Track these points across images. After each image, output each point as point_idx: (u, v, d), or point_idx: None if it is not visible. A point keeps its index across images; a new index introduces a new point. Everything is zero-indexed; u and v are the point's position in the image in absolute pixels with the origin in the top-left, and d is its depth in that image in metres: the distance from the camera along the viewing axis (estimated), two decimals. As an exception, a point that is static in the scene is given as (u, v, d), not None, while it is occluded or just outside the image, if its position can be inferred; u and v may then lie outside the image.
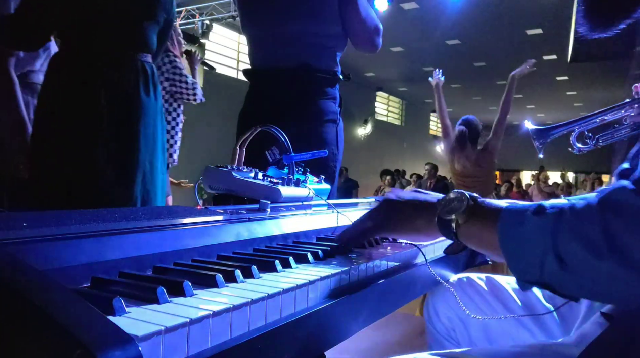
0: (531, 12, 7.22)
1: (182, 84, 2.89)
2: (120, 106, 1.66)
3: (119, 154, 1.66)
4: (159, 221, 0.66)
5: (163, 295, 0.46)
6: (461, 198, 0.68)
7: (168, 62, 2.87)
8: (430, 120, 18.12)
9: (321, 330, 0.59)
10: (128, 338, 0.34)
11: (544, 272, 0.57)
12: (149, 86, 1.74)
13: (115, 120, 1.65)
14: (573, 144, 1.50)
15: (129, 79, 1.68)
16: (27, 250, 0.46)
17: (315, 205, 1.06)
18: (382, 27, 1.79)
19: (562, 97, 13.91)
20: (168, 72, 2.86)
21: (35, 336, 0.33)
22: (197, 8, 7.07)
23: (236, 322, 0.46)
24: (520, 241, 0.60)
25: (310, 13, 1.67)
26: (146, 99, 1.72)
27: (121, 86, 1.66)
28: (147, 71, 1.75)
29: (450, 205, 0.68)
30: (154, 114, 1.76)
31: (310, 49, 1.69)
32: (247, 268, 0.58)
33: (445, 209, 0.69)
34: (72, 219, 0.59)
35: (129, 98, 1.67)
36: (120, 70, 1.67)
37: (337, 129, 1.74)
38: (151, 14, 1.76)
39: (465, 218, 0.67)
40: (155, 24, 1.78)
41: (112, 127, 1.64)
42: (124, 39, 1.70)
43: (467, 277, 1.05)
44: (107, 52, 1.66)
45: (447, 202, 0.70)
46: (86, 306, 0.36)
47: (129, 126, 1.67)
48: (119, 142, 1.66)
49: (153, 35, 1.79)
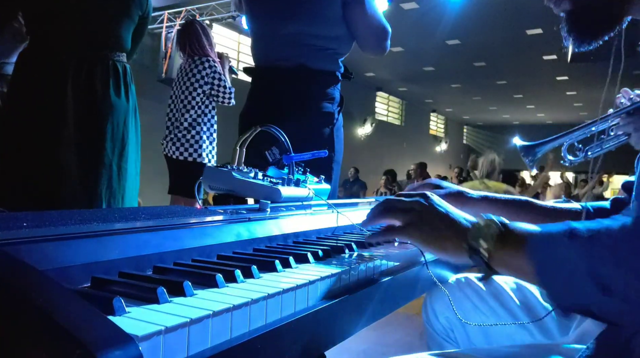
0: (531, 12, 7.22)
1: (220, 88, 3.11)
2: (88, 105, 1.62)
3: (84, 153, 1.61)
4: (159, 221, 0.66)
5: (163, 295, 0.46)
6: (490, 225, 0.66)
7: (208, 67, 3.07)
8: (430, 120, 18.12)
9: (321, 330, 0.59)
10: (128, 338, 0.34)
11: (583, 297, 0.56)
12: (119, 86, 1.69)
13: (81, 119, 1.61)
14: (564, 156, 1.51)
15: (99, 77, 1.64)
16: (27, 250, 0.46)
17: (315, 205, 1.06)
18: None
19: (562, 97, 13.90)
20: (208, 77, 3.07)
21: (35, 336, 0.33)
22: (197, 8, 7.07)
23: (236, 322, 0.46)
24: (555, 267, 0.58)
25: (310, 15, 1.67)
26: (116, 99, 1.67)
27: (90, 85, 1.62)
28: (119, 70, 1.70)
29: (480, 233, 0.66)
30: (124, 114, 1.71)
31: (308, 51, 1.68)
32: (247, 268, 0.58)
33: (475, 236, 0.67)
34: (72, 219, 0.59)
35: (98, 97, 1.63)
36: (91, 69, 1.63)
37: (334, 129, 1.73)
38: (125, 12, 1.71)
39: (496, 246, 0.65)
40: (129, 21, 1.74)
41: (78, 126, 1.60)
42: (96, 37, 1.65)
43: (466, 277, 1.05)
44: (77, 49, 1.62)
45: (477, 228, 0.67)
46: (86, 306, 0.36)
47: (95, 126, 1.63)
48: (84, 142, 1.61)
49: (127, 34, 1.74)
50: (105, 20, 1.67)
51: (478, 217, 0.69)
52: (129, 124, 1.74)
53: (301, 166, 1.16)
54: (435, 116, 18.36)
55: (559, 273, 0.57)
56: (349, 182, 9.37)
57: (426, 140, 17.65)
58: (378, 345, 2.62)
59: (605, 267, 0.54)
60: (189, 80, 3.05)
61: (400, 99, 15.75)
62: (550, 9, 0.80)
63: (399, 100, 15.81)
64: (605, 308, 0.55)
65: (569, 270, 0.56)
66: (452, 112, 18.33)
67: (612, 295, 0.53)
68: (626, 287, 0.52)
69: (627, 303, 0.53)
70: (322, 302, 0.59)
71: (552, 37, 8.14)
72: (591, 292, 0.54)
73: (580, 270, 0.55)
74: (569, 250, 0.56)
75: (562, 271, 0.57)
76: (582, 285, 0.55)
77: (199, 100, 3.07)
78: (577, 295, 0.56)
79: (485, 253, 0.65)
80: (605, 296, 0.53)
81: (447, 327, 1.04)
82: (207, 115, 3.13)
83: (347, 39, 1.75)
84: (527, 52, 9.72)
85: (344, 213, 0.97)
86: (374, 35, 1.74)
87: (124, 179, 1.72)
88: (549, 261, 0.59)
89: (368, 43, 1.77)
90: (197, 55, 3.09)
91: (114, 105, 1.67)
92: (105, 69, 1.67)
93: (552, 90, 13.06)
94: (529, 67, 10.73)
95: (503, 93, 13.80)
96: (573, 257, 0.56)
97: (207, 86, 3.07)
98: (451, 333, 1.04)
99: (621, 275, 0.53)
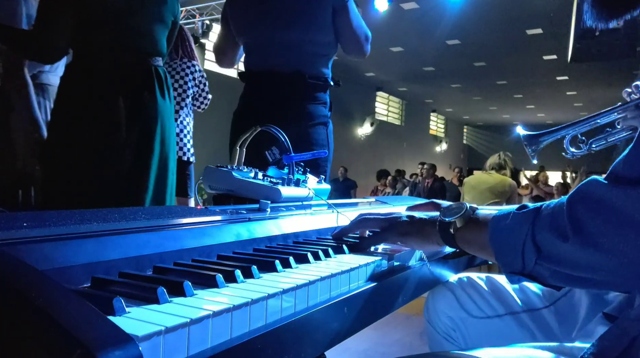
0: (531, 12, 7.23)
1: (203, 93, 3.24)
2: (138, 110, 1.69)
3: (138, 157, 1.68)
4: (159, 221, 0.66)
5: (163, 295, 0.46)
6: (460, 207, 0.74)
7: (198, 70, 3.19)
8: (430, 120, 18.13)
9: (321, 330, 0.59)
10: (128, 338, 0.34)
11: (525, 262, 0.62)
12: (163, 89, 1.77)
13: (133, 124, 1.67)
14: (567, 149, 1.50)
15: (145, 83, 1.70)
16: (27, 250, 0.46)
17: (315, 205, 1.06)
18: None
19: (562, 97, 13.92)
20: (197, 80, 3.17)
21: (35, 336, 0.33)
22: (197, 8, 7.07)
23: (236, 322, 0.46)
24: (504, 234, 0.65)
25: (306, 23, 1.74)
26: (162, 102, 1.75)
27: (137, 91, 1.68)
28: (161, 74, 1.77)
29: (451, 210, 0.75)
30: (170, 115, 1.80)
31: (304, 57, 1.76)
32: (247, 268, 0.58)
33: (446, 213, 0.75)
34: (72, 219, 0.59)
35: (146, 102, 1.70)
36: (136, 75, 1.69)
37: (327, 131, 1.82)
38: (160, 18, 1.77)
39: (463, 223, 0.72)
40: (164, 27, 1.80)
41: (130, 131, 1.66)
42: (136, 44, 1.72)
43: (467, 277, 1.05)
44: (122, 57, 1.68)
45: (449, 207, 0.76)
46: (86, 306, 0.36)
47: (147, 131, 1.70)
48: (137, 146, 1.68)
49: (163, 39, 1.81)
50: (144, 27, 1.73)
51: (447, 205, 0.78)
52: (172, 125, 1.83)
53: (301, 166, 1.16)
54: (435, 116, 18.37)
55: (505, 240, 0.65)
56: (339, 182, 9.39)
57: (426, 140, 17.65)
58: (378, 345, 2.62)
59: (539, 232, 0.61)
60: (182, 79, 3.10)
61: (400, 99, 15.76)
62: (551, 9, 0.80)
63: (399, 100, 15.82)
64: (542, 272, 0.62)
65: (513, 236, 0.63)
66: (452, 112, 18.34)
67: (543, 256, 0.61)
68: (550, 246, 0.60)
69: (552, 262, 0.61)
70: (322, 302, 0.59)
71: (552, 37, 8.15)
72: (530, 256, 0.62)
73: (522, 236, 0.62)
74: (515, 219, 0.64)
75: (508, 238, 0.64)
76: (522, 250, 0.62)
77: (190, 101, 3.16)
78: (520, 260, 0.63)
79: (452, 230, 0.73)
80: (541, 259, 0.61)
81: (449, 326, 1.04)
82: (190, 116, 3.22)
83: (334, 44, 1.84)
84: (527, 52, 9.73)
85: (344, 213, 0.97)
86: (358, 39, 1.84)
87: (169, 179, 1.79)
88: (499, 230, 0.66)
89: (352, 47, 1.87)
90: (185, 57, 3.16)
91: (161, 108, 1.74)
92: (149, 74, 1.72)
93: (552, 90, 13.07)
94: (529, 67, 10.74)
95: (503, 93, 13.81)
96: (517, 225, 0.63)
97: (195, 88, 3.17)
98: (452, 333, 1.04)
99: (547, 237, 0.60)
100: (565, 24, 5.85)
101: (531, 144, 1.56)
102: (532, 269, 0.63)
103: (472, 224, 0.72)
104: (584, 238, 0.57)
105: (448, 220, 0.73)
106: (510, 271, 0.65)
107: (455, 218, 0.73)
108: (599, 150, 1.49)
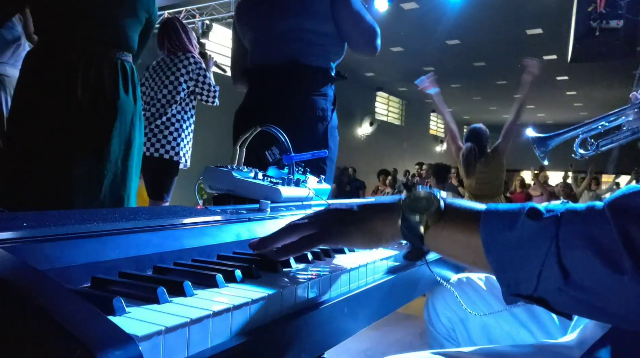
0: (531, 12, 7.22)
1: (205, 86, 2.99)
2: (98, 103, 1.63)
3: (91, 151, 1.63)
4: (159, 221, 0.66)
5: (163, 295, 0.46)
6: (430, 198, 0.59)
7: (194, 62, 2.97)
8: (430, 120, 18.12)
9: (321, 330, 0.58)
10: (128, 338, 0.34)
11: (540, 285, 0.49)
12: (127, 85, 1.71)
13: (91, 117, 1.62)
14: (576, 150, 1.52)
15: (108, 76, 1.65)
16: (27, 250, 0.46)
17: (315, 205, 1.06)
18: (382, 27, 1.80)
19: (562, 97, 13.90)
20: (193, 73, 2.96)
21: (35, 336, 0.33)
22: (197, 8, 7.07)
23: (236, 322, 0.46)
24: (513, 248, 0.51)
25: (299, 10, 1.71)
26: (124, 98, 1.70)
27: (99, 83, 1.64)
28: (127, 70, 1.72)
29: (418, 204, 0.59)
30: (132, 113, 1.74)
31: (299, 45, 1.71)
32: (247, 268, 0.58)
33: (412, 208, 0.59)
34: (72, 219, 0.59)
35: (107, 95, 1.65)
36: (99, 67, 1.64)
37: (327, 126, 1.75)
38: (132, 12, 1.73)
39: (435, 220, 0.58)
40: (136, 22, 1.76)
41: (87, 124, 1.62)
42: (104, 36, 1.68)
43: (467, 277, 1.05)
44: (87, 49, 1.64)
45: (414, 200, 0.60)
46: (86, 306, 0.36)
47: (104, 123, 1.64)
48: (92, 140, 1.63)
49: (134, 34, 1.77)
50: (112, 19, 1.69)
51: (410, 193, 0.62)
52: (135, 123, 1.76)
53: (301, 166, 1.16)
54: (435, 116, 18.35)
55: (515, 256, 0.50)
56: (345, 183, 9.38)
57: (426, 140, 17.64)
58: (378, 345, 2.62)
59: (568, 250, 0.47)
60: (173, 74, 2.92)
61: (400, 99, 15.75)
62: (551, 9, 0.80)
63: (399, 100, 15.81)
64: (562, 299, 0.49)
65: (527, 253, 0.49)
66: (452, 112, 18.32)
67: (570, 281, 0.47)
68: (587, 274, 0.46)
69: (583, 291, 0.47)
70: (322, 302, 0.59)
71: (552, 37, 8.14)
72: (551, 279, 0.48)
73: (541, 253, 0.48)
74: (529, 230, 0.50)
75: (519, 253, 0.50)
76: (540, 271, 0.48)
77: (183, 96, 2.94)
78: (534, 281, 0.49)
79: (420, 229, 0.58)
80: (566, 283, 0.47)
81: (449, 326, 1.04)
82: (187, 113, 3.01)
83: (336, 39, 1.78)
84: (527, 52, 9.70)
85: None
86: (361, 33, 1.77)
87: (128, 178, 1.73)
88: (503, 241, 0.51)
89: (356, 42, 1.80)
90: (179, 50, 2.98)
91: (122, 104, 1.69)
92: (114, 67, 1.68)
93: (552, 90, 13.06)
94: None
95: (503, 93, 13.79)
96: (534, 238, 0.49)
97: (191, 82, 2.96)
98: (452, 333, 1.04)
99: (584, 261, 0.46)
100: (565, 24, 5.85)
101: (540, 146, 1.59)
102: (547, 294, 0.49)
103: (450, 222, 0.57)
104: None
105: (416, 217, 0.58)
106: (516, 293, 0.52)
107: (426, 215, 0.58)
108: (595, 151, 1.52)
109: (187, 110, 3.00)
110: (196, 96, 3.02)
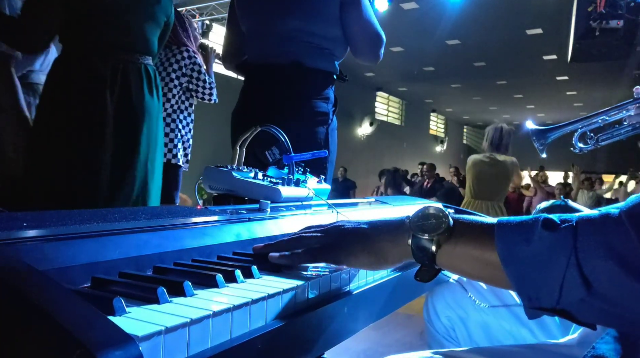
0: (531, 12, 7.22)
1: (199, 82, 2.81)
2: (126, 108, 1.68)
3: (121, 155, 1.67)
4: (159, 221, 0.66)
5: (163, 295, 0.46)
6: (439, 215, 0.58)
7: (187, 57, 2.77)
8: (430, 120, 18.12)
9: (321, 330, 0.58)
10: (128, 338, 0.34)
11: (563, 296, 0.48)
12: (152, 88, 1.77)
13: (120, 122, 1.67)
14: (575, 144, 1.51)
15: (134, 81, 1.70)
16: (27, 250, 0.46)
17: (315, 205, 1.06)
18: (382, 27, 1.78)
19: (562, 97, 13.91)
20: (186, 68, 2.77)
21: (35, 336, 0.33)
22: (197, 8, 7.07)
23: (236, 322, 0.46)
24: (532, 261, 0.50)
25: (308, 12, 1.66)
26: (150, 100, 1.75)
27: (126, 88, 1.68)
28: (150, 73, 1.77)
29: (427, 223, 0.58)
30: (157, 114, 1.80)
31: (304, 48, 1.67)
32: (247, 268, 0.58)
33: (422, 227, 0.58)
34: (72, 219, 0.59)
35: (134, 100, 1.70)
36: (125, 73, 1.69)
37: (328, 129, 1.72)
38: (153, 17, 1.77)
39: (446, 238, 0.57)
40: (156, 26, 1.80)
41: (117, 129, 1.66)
42: (128, 42, 1.72)
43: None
44: (113, 56, 1.68)
45: (422, 218, 0.59)
46: (86, 306, 0.36)
47: (133, 128, 1.70)
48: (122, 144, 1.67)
49: (155, 38, 1.81)
50: (135, 25, 1.73)
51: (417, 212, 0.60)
52: (160, 124, 1.83)
53: (301, 166, 1.16)
54: (435, 116, 18.36)
55: (534, 269, 0.50)
56: (338, 182, 9.37)
57: (426, 140, 17.65)
58: (378, 345, 2.62)
59: (589, 261, 0.47)
60: (165, 70, 2.72)
61: (400, 99, 15.76)
62: (551, 9, 0.80)
63: (399, 100, 15.81)
64: (586, 310, 0.49)
65: (546, 266, 0.49)
66: (452, 112, 18.33)
67: (592, 292, 0.47)
68: (610, 284, 0.46)
69: (607, 302, 0.47)
70: (322, 302, 0.59)
71: (552, 37, 8.14)
72: (573, 291, 0.48)
73: (560, 265, 0.48)
74: (547, 242, 0.49)
75: (539, 267, 0.50)
76: (561, 283, 0.48)
77: (175, 93, 2.74)
78: (555, 294, 0.49)
79: (433, 248, 0.57)
80: (589, 293, 0.47)
81: (449, 326, 1.04)
82: (184, 112, 2.82)
83: (342, 42, 1.74)
84: (527, 52, 9.72)
85: (344, 213, 0.97)
86: (368, 40, 1.74)
87: (155, 177, 1.79)
88: (521, 255, 0.51)
89: (362, 48, 1.76)
90: (173, 44, 2.76)
91: (149, 107, 1.74)
92: (138, 72, 1.72)
93: (552, 90, 13.06)
94: (529, 67, 10.73)
95: (503, 93, 13.80)
96: (552, 250, 0.49)
97: (184, 78, 2.77)
98: (452, 333, 1.04)
99: (606, 271, 0.46)
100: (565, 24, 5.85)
101: (540, 139, 1.58)
102: (570, 306, 0.49)
103: (463, 239, 0.56)
104: None
105: (427, 236, 0.57)
106: (538, 306, 0.51)
107: (439, 234, 0.57)
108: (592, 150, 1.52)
109: (183, 109, 2.83)
110: (192, 93, 2.84)
